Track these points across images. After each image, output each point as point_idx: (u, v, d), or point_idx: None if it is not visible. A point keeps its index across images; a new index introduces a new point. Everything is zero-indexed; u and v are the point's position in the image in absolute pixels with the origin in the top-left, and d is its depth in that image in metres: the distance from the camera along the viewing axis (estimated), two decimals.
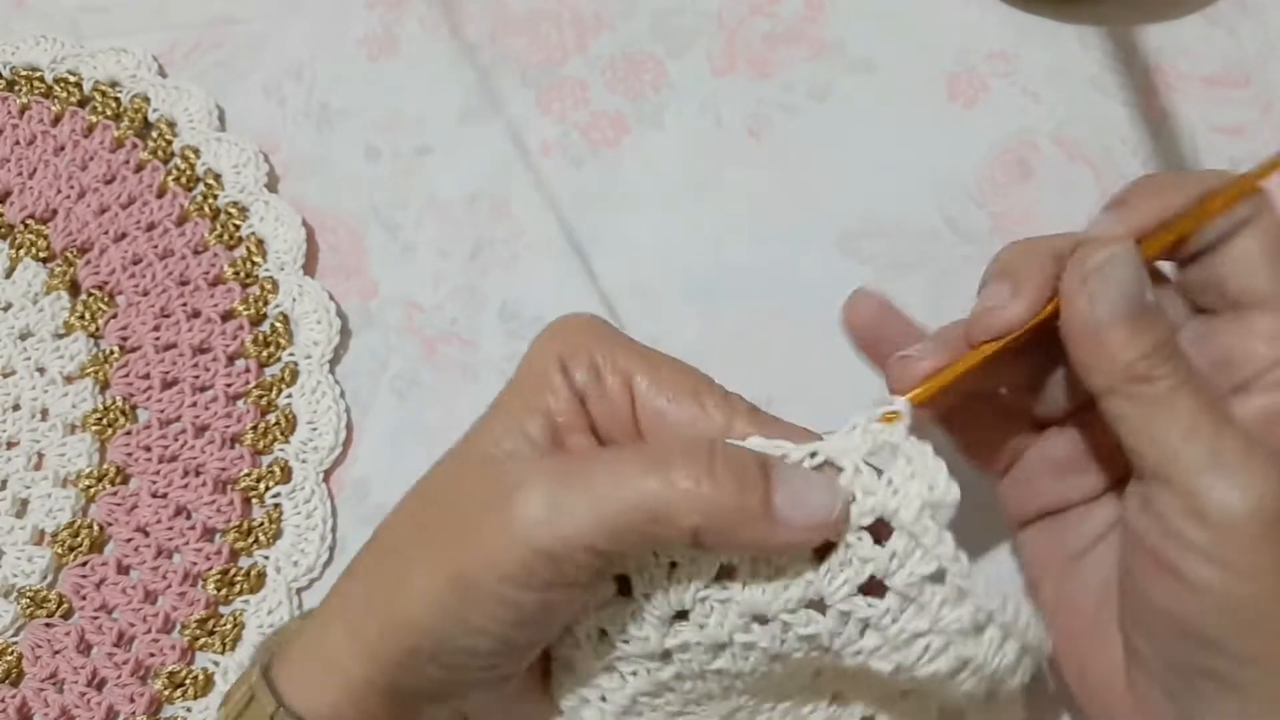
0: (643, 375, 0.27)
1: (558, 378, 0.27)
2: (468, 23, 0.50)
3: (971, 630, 0.25)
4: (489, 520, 0.24)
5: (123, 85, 0.50)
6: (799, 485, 0.24)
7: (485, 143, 0.47)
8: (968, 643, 0.25)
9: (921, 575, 0.25)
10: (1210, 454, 0.24)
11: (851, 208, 0.43)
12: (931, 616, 0.25)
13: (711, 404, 0.26)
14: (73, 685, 0.38)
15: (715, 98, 0.47)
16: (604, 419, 0.27)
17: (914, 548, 0.25)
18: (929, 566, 0.25)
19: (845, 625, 0.25)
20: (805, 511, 0.24)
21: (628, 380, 0.27)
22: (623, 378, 0.27)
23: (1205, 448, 0.24)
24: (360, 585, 0.27)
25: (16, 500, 0.41)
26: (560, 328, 0.28)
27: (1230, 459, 0.24)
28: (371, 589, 0.26)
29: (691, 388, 0.27)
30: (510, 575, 0.24)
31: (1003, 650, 0.26)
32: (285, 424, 0.41)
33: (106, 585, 0.39)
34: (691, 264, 0.43)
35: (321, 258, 0.45)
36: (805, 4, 0.48)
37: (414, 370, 0.43)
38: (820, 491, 0.24)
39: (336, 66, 0.49)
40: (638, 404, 0.27)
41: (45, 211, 0.47)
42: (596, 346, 0.27)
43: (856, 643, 0.26)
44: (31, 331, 0.44)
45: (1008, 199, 0.43)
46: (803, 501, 0.24)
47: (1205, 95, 0.44)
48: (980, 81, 0.45)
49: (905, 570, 0.25)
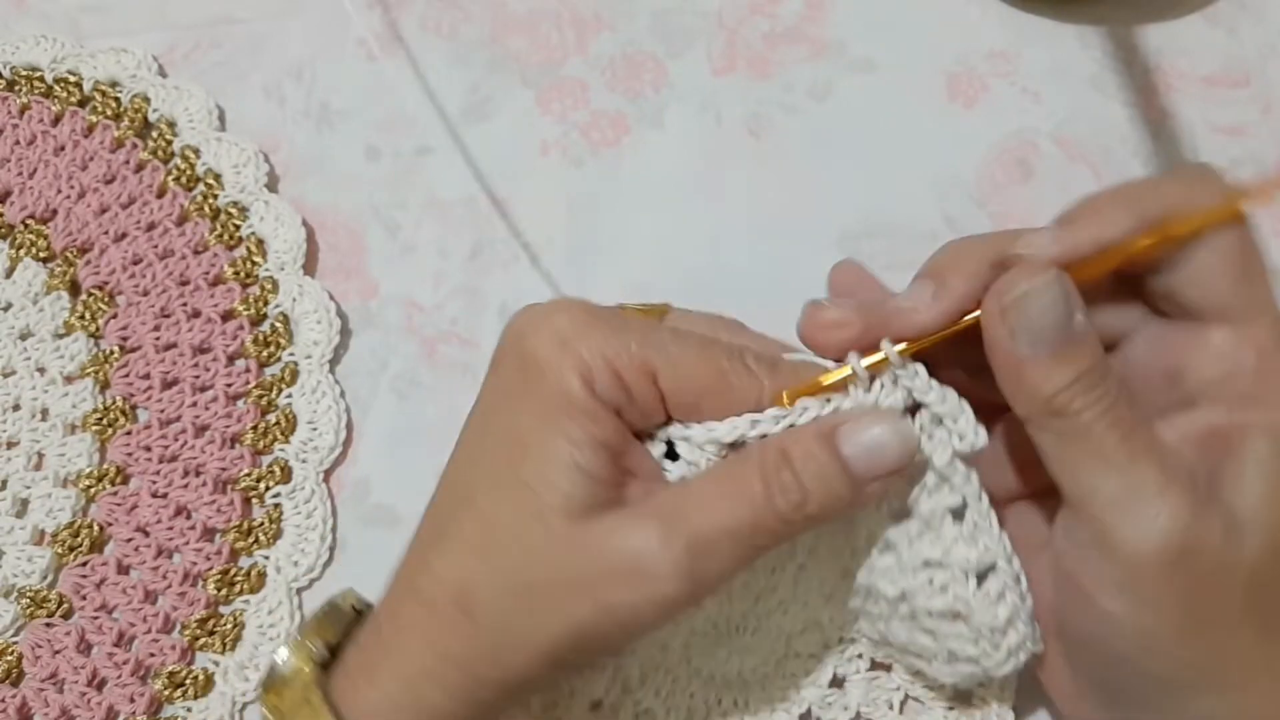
0: (666, 372, 0.26)
1: (591, 401, 0.26)
2: (468, 23, 0.50)
3: (976, 569, 0.27)
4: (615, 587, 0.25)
5: (123, 85, 0.50)
6: (868, 443, 0.25)
7: (485, 143, 0.47)
8: (966, 588, 0.27)
9: (945, 506, 0.27)
10: (1122, 488, 0.24)
11: (851, 208, 0.43)
12: (945, 547, 0.27)
13: (739, 382, 0.27)
14: (73, 685, 0.38)
15: (715, 98, 0.47)
16: (639, 422, 0.27)
17: (941, 482, 0.27)
18: (953, 499, 0.27)
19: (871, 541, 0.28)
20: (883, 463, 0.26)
21: (652, 378, 0.26)
22: (647, 377, 0.26)
23: (1118, 482, 0.24)
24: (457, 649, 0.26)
25: (16, 500, 0.41)
26: (557, 332, 0.27)
27: (1143, 492, 0.24)
28: (476, 654, 0.26)
29: (718, 373, 0.27)
30: (650, 625, 0.26)
31: (996, 608, 0.27)
32: (285, 424, 0.41)
33: (106, 585, 0.39)
34: (691, 264, 0.43)
35: (321, 258, 0.45)
36: (805, 4, 0.48)
37: (414, 370, 0.43)
38: (889, 438, 0.26)
39: (336, 66, 0.49)
40: (669, 401, 0.27)
41: (45, 211, 0.47)
42: (609, 350, 0.26)
43: (877, 559, 0.28)
44: (31, 331, 0.44)
45: (1008, 199, 0.43)
46: (877, 457, 0.25)
47: (1205, 95, 0.44)
48: (980, 81, 0.45)
49: (931, 500, 0.27)
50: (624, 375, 0.26)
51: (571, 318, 0.27)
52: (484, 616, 0.26)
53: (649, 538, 0.25)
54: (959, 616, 0.27)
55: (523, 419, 0.26)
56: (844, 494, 0.25)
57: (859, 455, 0.25)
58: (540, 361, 0.26)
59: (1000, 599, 0.27)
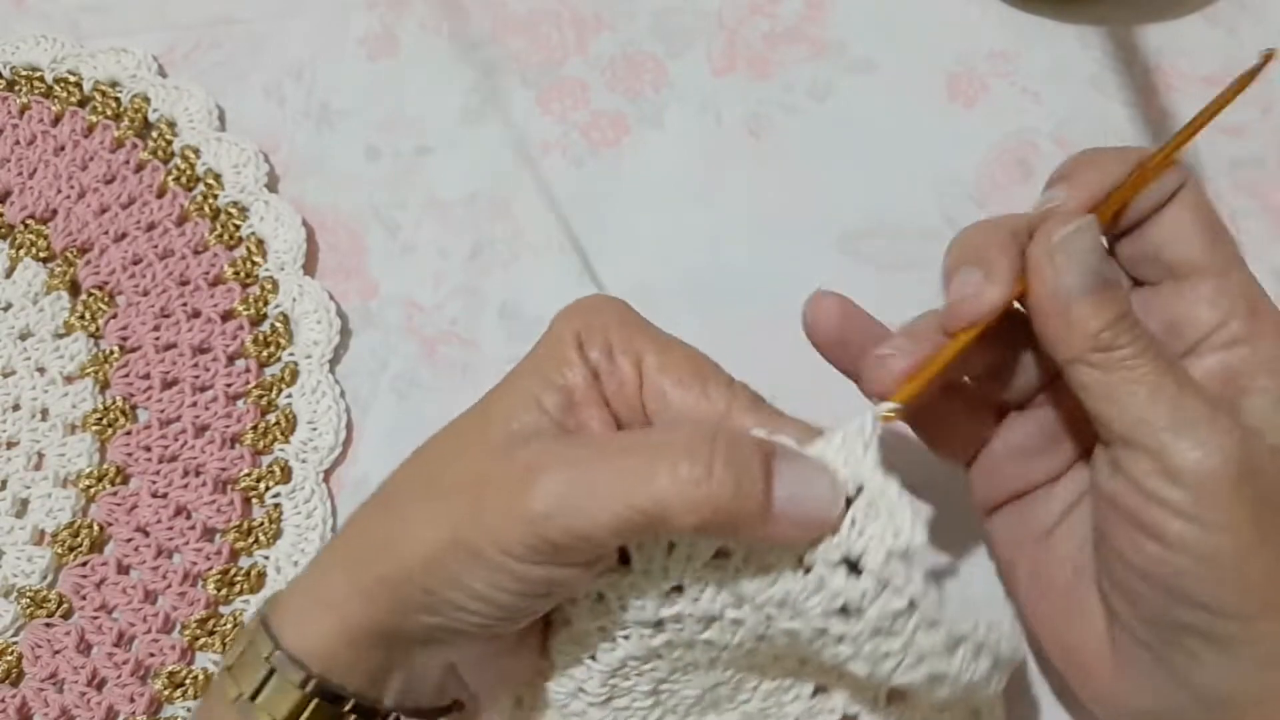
0: (652, 356, 0.27)
1: (574, 354, 0.27)
2: (468, 23, 0.50)
3: (944, 650, 0.26)
4: (498, 499, 0.25)
5: (123, 85, 0.50)
6: (799, 483, 0.24)
7: (485, 143, 0.47)
8: (940, 660, 0.26)
9: (892, 611, 0.25)
10: (1176, 415, 0.25)
11: (851, 208, 0.43)
12: (904, 640, 0.25)
13: (714, 390, 0.27)
14: (73, 685, 0.38)
15: (715, 98, 0.47)
16: (614, 396, 0.27)
17: (882, 588, 0.25)
18: (900, 603, 0.25)
19: (822, 635, 0.26)
20: (803, 510, 0.24)
21: (638, 360, 0.27)
22: (634, 357, 0.27)
23: (1171, 409, 0.25)
24: (361, 532, 0.28)
25: (16, 500, 0.41)
26: (581, 306, 0.28)
27: (1196, 418, 0.25)
28: (372, 537, 0.27)
29: (697, 372, 0.27)
30: (513, 553, 0.24)
31: (975, 664, 0.26)
32: (285, 424, 0.41)
33: (106, 585, 0.39)
34: (691, 264, 0.43)
35: (321, 258, 0.45)
36: (805, 4, 0.48)
37: (414, 370, 0.43)
38: (820, 490, 0.25)
39: (336, 66, 0.49)
40: (645, 384, 0.27)
41: (45, 211, 0.47)
42: (614, 327, 0.28)
43: (833, 649, 0.26)
44: (31, 331, 0.44)
45: (1008, 199, 0.43)
46: (801, 500, 0.24)
47: (1205, 95, 0.43)
48: (980, 81, 0.45)
49: (876, 605, 0.25)
50: (614, 347, 0.27)
51: (602, 299, 0.29)
52: (394, 501, 0.27)
53: (547, 461, 0.25)
54: (939, 680, 0.26)
55: (515, 367, 0.28)
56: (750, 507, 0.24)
57: (788, 488, 0.24)
58: (552, 323, 0.28)
59: (978, 656, 0.26)
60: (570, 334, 0.27)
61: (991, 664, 0.26)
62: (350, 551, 0.27)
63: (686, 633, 0.27)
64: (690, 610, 0.27)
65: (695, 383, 0.27)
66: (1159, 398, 0.25)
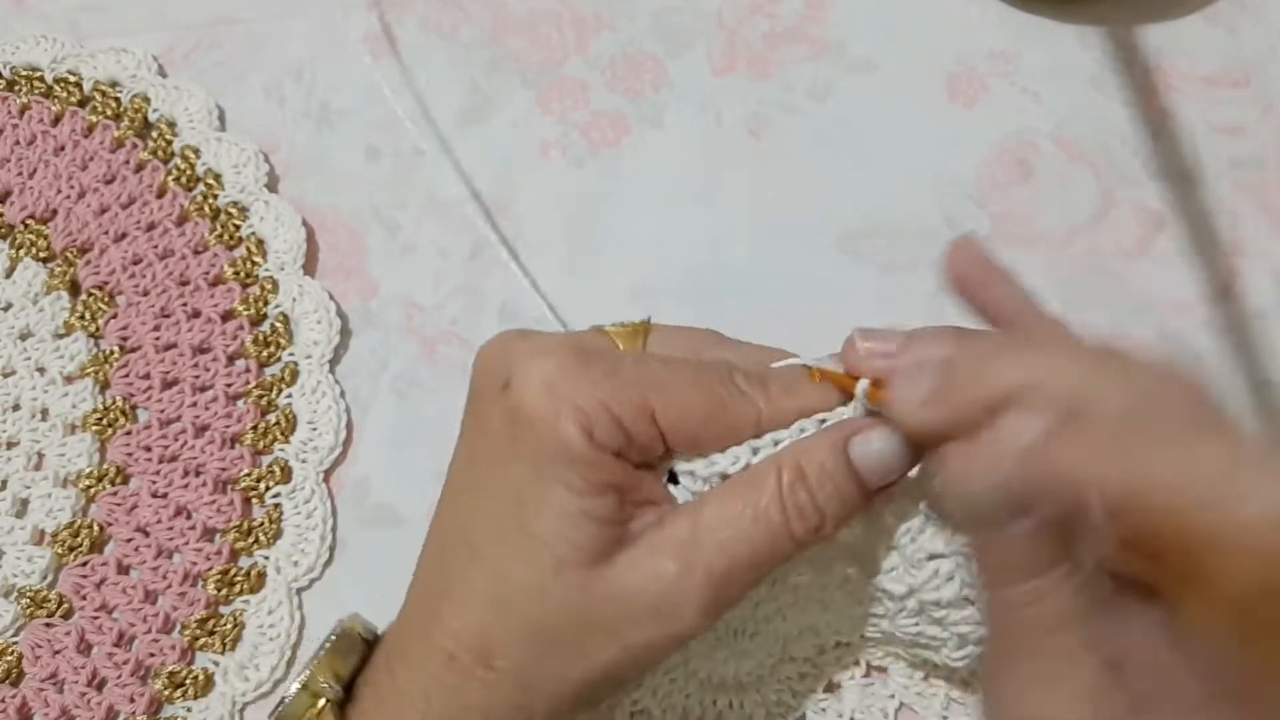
0: (664, 410, 0.26)
1: (590, 450, 0.25)
2: (467, 23, 0.50)
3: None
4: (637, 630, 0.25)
5: (123, 85, 0.50)
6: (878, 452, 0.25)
7: (485, 143, 0.47)
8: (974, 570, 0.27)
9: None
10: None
11: (851, 208, 0.43)
12: (948, 537, 0.27)
13: (736, 408, 0.26)
14: (73, 685, 0.38)
15: (715, 98, 0.47)
16: (641, 458, 0.26)
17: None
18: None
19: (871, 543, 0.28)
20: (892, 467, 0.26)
21: (650, 418, 0.26)
22: (645, 417, 0.26)
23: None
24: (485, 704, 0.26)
25: (16, 500, 0.41)
26: (546, 379, 0.25)
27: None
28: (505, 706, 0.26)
29: (715, 402, 0.26)
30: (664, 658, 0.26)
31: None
32: (285, 424, 0.41)
33: (106, 585, 0.39)
34: (691, 264, 0.43)
35: (321, 258, 0.45)
36: (805, 4, 0.48)
37: (414, 370, 0.43)
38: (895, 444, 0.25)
39: (336, 66, 0.49)
40: (668, 437, 0.26)
41: (45, 211, 0.47)
42: (604, 395, 0.25)
43: (886, 559, 0.28)
44: (31, 331, 0.44)
45: (1008, 199, 0.43)
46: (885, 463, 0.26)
47: (1205, 95, 0.44)
48: (980, 81, 0.45)
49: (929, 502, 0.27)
50: (623, 419, 0.25)
51: (560, 363, 0.26)
52: (507, 668, 0.26)
53: (668, 576, 0.25)
54: (968, 601, 0.27)
55: (518, 471, 0.26)
56: (857, 507, 0.26)
57: (870, 464, 0.25)
58: (531, 415, 0.25)
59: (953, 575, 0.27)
60: (573, 425, 0.25)
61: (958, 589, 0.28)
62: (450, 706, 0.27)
63: None
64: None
65: (718, 413, 0.26)
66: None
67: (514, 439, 0.26)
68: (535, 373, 0.26)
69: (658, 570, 0.25)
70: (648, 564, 0.25)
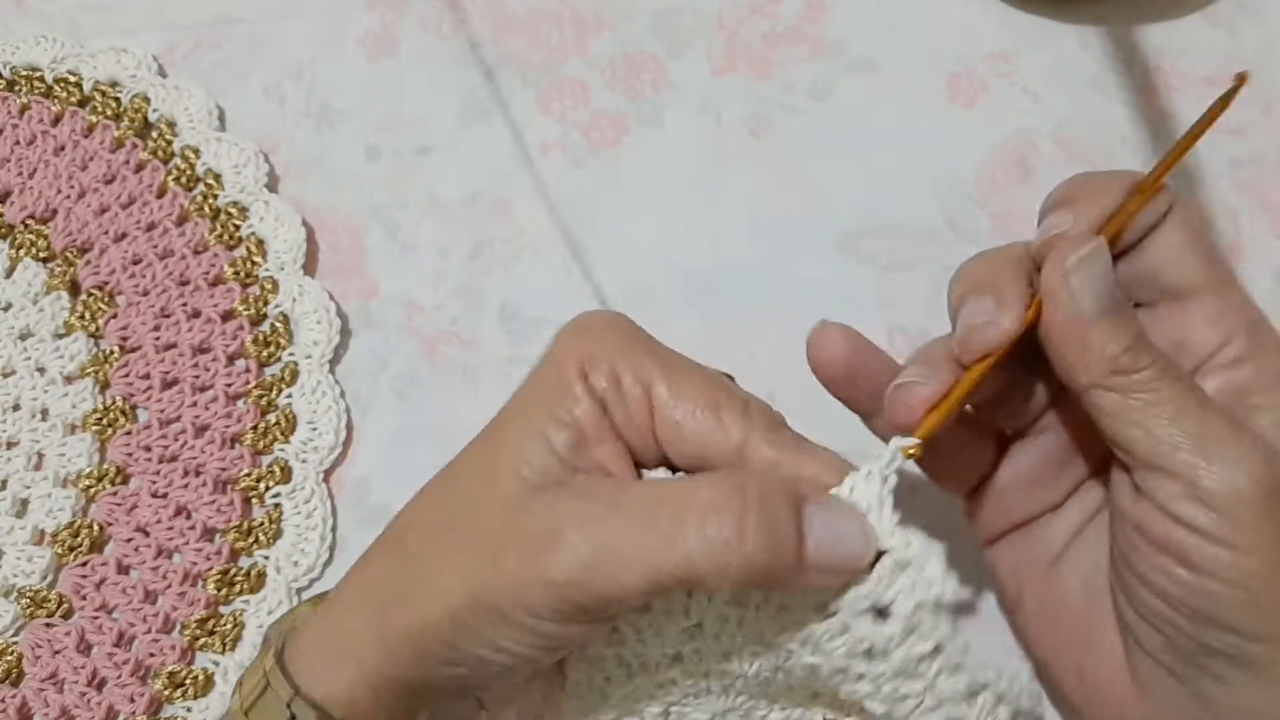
0: (662, 384, 0.26)
1: (579, 386, 0.26)
2: (468, 23, 0.50)
3: (964, 696, 0.25)
4: (519, 562, 0.24)
5: (123, 85, 0.50)
6: (831, 531, 0.24)
7: (485, 143, 0.47)
8: (960, 705, 0.26)
9: (917, 655, 0.25)
10: (1202, 436, 0.25)
11: (851, 208, 0.43)
12: (926, 682, 0.25)
13: (730, 418, 0.26)
14: (73, 685, 0.38)
15: (715, 98, 0.47)
16: (624, 426, 0.26)
17: (909, 634, 0.25)
18: (926, 646, 0.25)
19: (843, 672, 0.26)
20: (836, 558, 0.24)
21: (648, 388, 0.26)
22: (643, 386, 0.26)
23: (1196, 431, 0.25)
24: (378, 580, 0.27)
25: (16, 500, 0.41)
26: (583, 328, 0.27)
27: (1221, 439, 0.25)
28: (390, 587, 0.26)
29: (711, 400, 0.26)
30: (537, 614, 0.24)
31: (995, 714, 0.26)
32: (285, 424, 0.41)
33: (106, 585, 0.39)
34: (691, 264, 0.43)
35: (321, 258, 0.45)
36: (805, 4, 0.48)
37: (414, 370, 0.43)
38: (852, 536, 0.24)
39: (336, 66, 0.49)
40: (656, 414, 0.26)
41: (45, 211, 0.47)
42: (619, 353, 0.26)
43: (852, 685, 0.26)
44: (31, 331, 0.44)
45: (1008, 199, 0.43)
46: (833, 548, 0.24)
47: (1205, 95, 0.44)
48: (980, 81, 0.45)
49: (901, 650, 0.25)
50: (619, 374, 0.26)
51: (603, 319, 0.27)
52: (410, 549, 0.27)
53: (569, 522, 0.24)
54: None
55: (518, 396, 0.27)
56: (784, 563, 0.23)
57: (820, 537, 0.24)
58: (552, 350, 0.27)
59: (997, 705, 0.26)
60: (573, 363, 0.26)
61: (1010, 716, 0.26)
62: (369, 600, 0.27)
63: (703, 663, 0.27)
64: (709, 647, 0.27)
65: (709, 411, 0.26)
66: (1183, 420, 0.25)
67: (531, 374, 0.27)
68: (581, 322, 0.27)
69: (566, 510, 0.24)
70: (562, 501, 0.25)
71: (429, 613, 0.25)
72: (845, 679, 0.26)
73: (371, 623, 0.26)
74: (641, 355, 0.26)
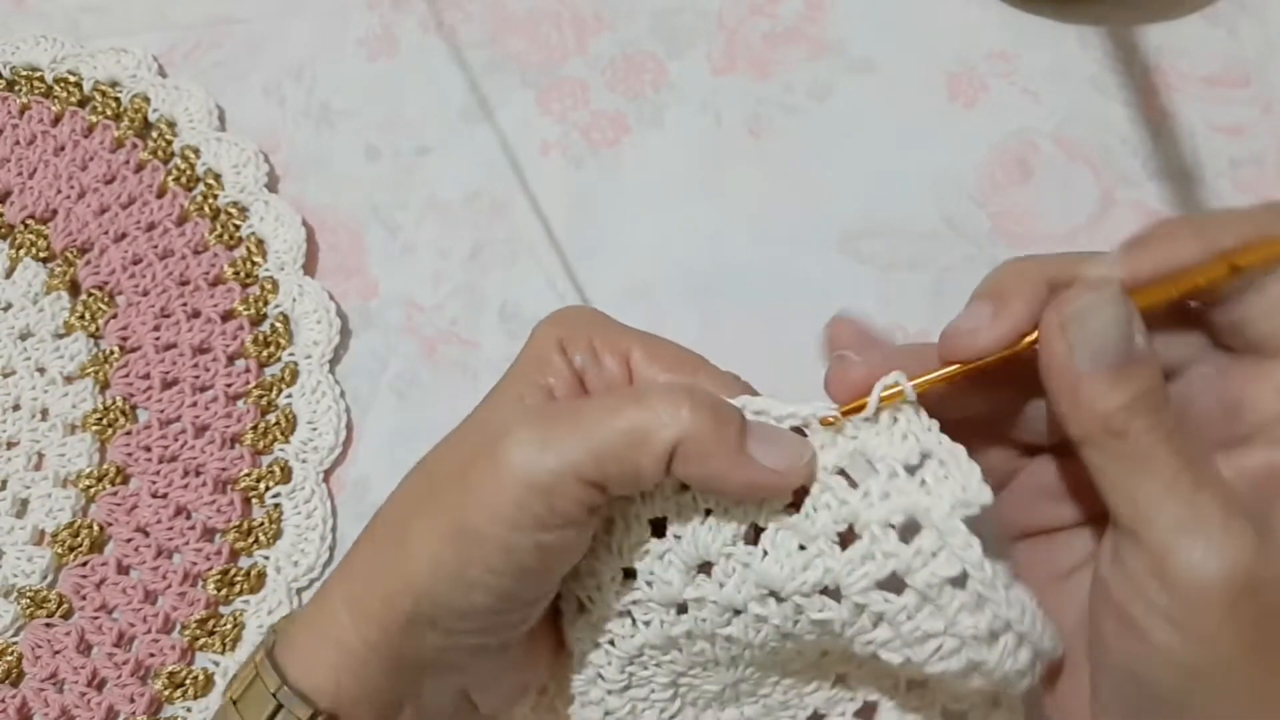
0: (639, 350, 0.28)
1: (556, 358, 0.28)
2: (467, 23, 0.50)
3: (987, 636, 0.25)
4: (480, 467, 0.25)
5: (123, 85, 0.50)
6: (770, 433, 0.26)
7: (485, 143, 0.47)
8: (981, 648, 0.25)
9: (944, 577, 0.25)
10: (1185, 515, 0.23)
11: (851, 208, 0.43)
12: (948, 619, 0.25)
13: (706, 378, 0.27)
14: (73, 685, 0.38)
15: (715, 98, 0.47)
16: (603, 385, 0.28)
17: (940, 547, 0.25)
18: (953, 569, 0.25)
19: (859, 616, 0.26)
20: (774, 455, 0.25)
21: (625, 357, 0.28)
22: (620, 356, 0.28)
23: (1180, 508, 0.23)
24: (361, 559, 0.28)
25: (16, 500, 0.41)
26: (560, 314, 0.29)
27: (1206, 521, 0.23)
28: (371, 561, 0.27)
29: (687, 362, 0.27)
30: (505, 516, 0.24)
31: (1016, 656, 0.26)
32: (285, 424, 0.41)
33: (106, 585, 0.39)
34: (691, 264, 0.43)
35: (321, 258, 0.45)
36: (805, 4, 0.48)
37: (414, 370, 0.43)
38: (790, 442, 0.26)
39: (336, 66, 0.49)
40: (635, 378, 0.27)
41: (45, 211, 0.47)
42: (595, 331, 0.28)
43: (868, 633, 0.26)
44: (31, 331, 0.44)
45: (1008, 199, 0.43)
46: (772, 446, 0.25)
47: (1205, 95, 0.44)
48: (980, 81, 0.45)
49: (928, 570, 0.25)
50: (598, 350, 0.28)
51: (578, 309, 0.30)
52: (391, 523, 0.27)
53: (519, 423, 0.25)
54: (974, 670, 0.26)
55: (504, 377, 0.29)
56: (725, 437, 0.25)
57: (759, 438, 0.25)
58: (533, 332, 0.29)
59: (1019, 647, 0.26)
60: (552, 340, 0.28)
61: (1031, 657, 0.26)
62: (352, 580, 0.27)
63: (709, 623, 0.27)
64: (715, 596, 0.27)
65: (686, 371, 0.27)
66: (1170, 493, 0.24)
67: (513, 365, 0.29)
68: (560, 311, 0.29)
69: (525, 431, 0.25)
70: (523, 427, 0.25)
71: (409, 567, 0.26)
72: (860, 627, 0.26)
73: (356, 601, 0.27)
74: (618, 331, 0.28)
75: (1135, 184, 0.43)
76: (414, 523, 0.26)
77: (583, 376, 0.28)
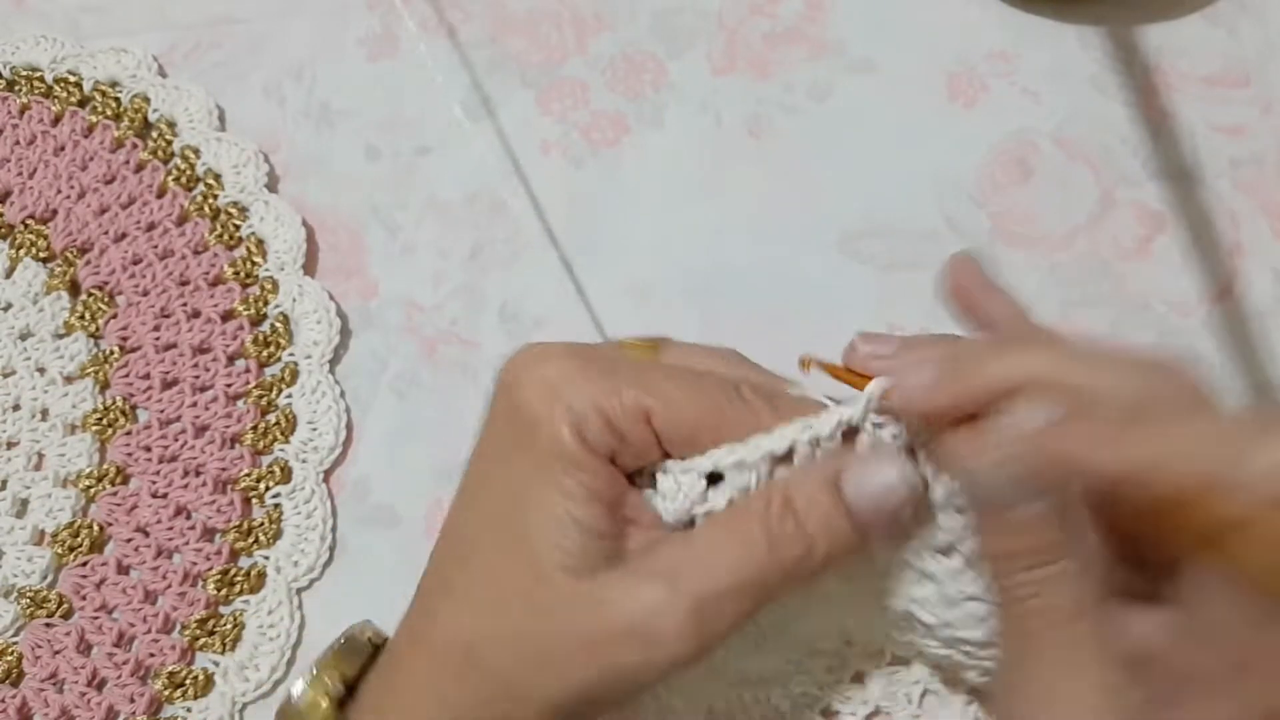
0: (658, 406, 0.26)
1: (581, 453, 0.25)
2: (467, 23, 0.50)
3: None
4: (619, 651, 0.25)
5: (123, 85, 0.50)
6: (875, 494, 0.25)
7: (485, 143, 0.47)
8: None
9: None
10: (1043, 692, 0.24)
11: (851, 208, 0.43)
12: (988, 584, 0.26)
13: (735, 416, 0.26)
14: (73, 685, 0.38)
15: (715, 98, 0.47)
16: (633, 463, 0.26)
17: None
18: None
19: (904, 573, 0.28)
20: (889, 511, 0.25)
21: (645, 417, 0.26)
22: (639, 420, 0.26)
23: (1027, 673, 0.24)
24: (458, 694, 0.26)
25: (16, 500, 0.41)
26: (542, 378, 0.26)
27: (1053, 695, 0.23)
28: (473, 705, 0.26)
29: (709, 408, 0.26)
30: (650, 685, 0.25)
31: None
32: (285, 424, 0.41)
33: (106, 585, 0.39)
34: (691, 264, 0.43)
35: (321, 258, 0.45)
36: (805, 4, 0.48)
37: (414, 370, 0.43)
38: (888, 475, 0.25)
39: (336, 66, 0.49)
40: (663, 440, 0.26)
41: (45, 211, 0.47)
42: (598, 393, 0.25)
43: (912, 590, 0.28)
44: (31, 331, 0.44)
45: (1008, 199, 0.43)
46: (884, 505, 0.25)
47: (1205, 95, 0.44)
48: (980, 81, 0.45)
49: (974, 541, 0.26)
50: (615, 421, 0.25)
51: (560, 366, 0.26)
52: (489, 670, 0.26)
53: (654, 599, 0.24)
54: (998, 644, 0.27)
55: (517, 472, 0.26)
56: (850, 540, 0.25)
57: (864, 500, 0.25)
58: (531, 414, 0.26)
59: None
60: (564, 427, 0.25)
61: None
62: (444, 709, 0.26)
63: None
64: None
65: (711, 414, 0.26)
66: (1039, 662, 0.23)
67: (515, 441, 0.26)
68: (536, 374, 0.26)
69: (642, 592, 0.25)
70: (633, 584, 0.25)
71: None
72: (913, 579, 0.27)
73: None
74: (620, 387, 0.26)
75: (1135, 184, 0.43)
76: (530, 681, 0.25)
77: (612, 455, 0.26)
